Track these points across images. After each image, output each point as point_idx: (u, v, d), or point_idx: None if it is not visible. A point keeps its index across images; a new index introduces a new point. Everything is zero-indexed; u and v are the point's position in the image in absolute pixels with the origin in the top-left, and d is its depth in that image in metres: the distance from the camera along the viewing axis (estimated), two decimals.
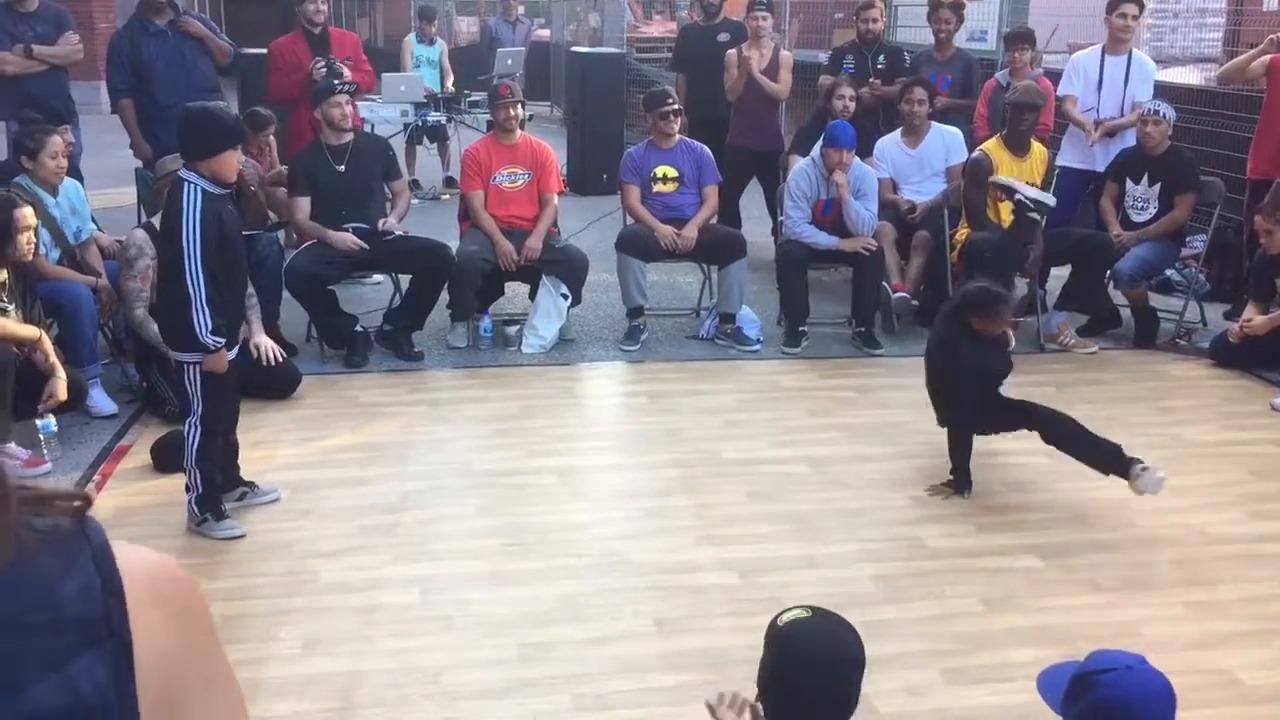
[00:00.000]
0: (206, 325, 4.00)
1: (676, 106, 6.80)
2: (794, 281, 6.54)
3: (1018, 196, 5.38)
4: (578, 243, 6.84)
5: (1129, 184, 6.78)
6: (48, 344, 4.83)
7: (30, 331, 4.78)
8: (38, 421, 4.74)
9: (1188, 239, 7.22)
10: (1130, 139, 6.90)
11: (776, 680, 2.24)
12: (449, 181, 10.39)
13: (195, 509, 4.22)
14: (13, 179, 5.56)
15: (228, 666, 0.97)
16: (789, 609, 2.31)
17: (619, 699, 3.28)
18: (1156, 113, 6.61)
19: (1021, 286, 6.71)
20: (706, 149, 6.87)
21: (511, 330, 6.49)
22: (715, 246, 6.61)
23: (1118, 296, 6.83)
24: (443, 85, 10.62)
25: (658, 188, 6.71)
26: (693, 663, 3.45)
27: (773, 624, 2.29)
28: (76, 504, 0.88)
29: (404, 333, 6.26)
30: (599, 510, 4.53)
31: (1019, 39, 7.63)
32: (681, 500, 4.61)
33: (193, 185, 3.98)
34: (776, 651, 2.25)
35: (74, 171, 6.16)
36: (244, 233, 4.54)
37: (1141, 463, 4.33)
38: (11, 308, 4.85)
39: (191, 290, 3.97)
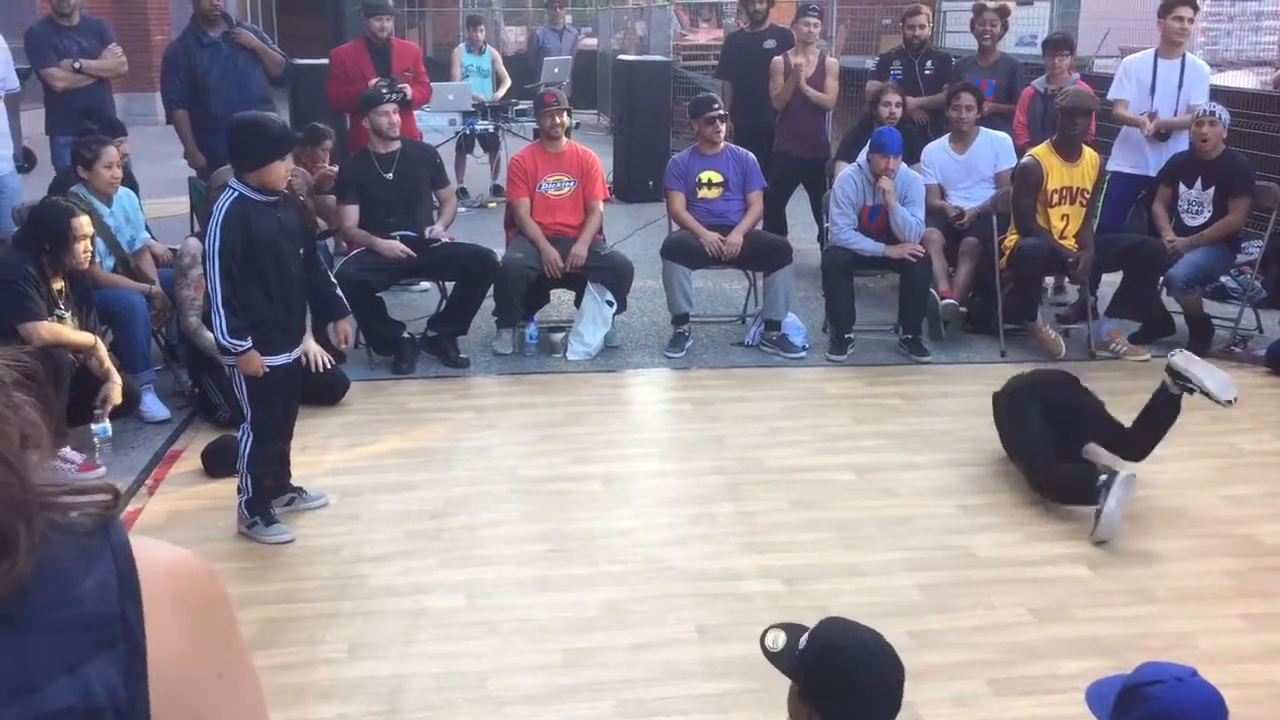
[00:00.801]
0: (224, 325, 4.02)
1: (722, 112, 6.80)
2: (840, 288, 6.50)
3: (1192, 386, 4.67)
4: (623, 249, 6.86)
5: (1182, 188, 6.68)
6: (102, 350, 4.93)
7: (85, 338, 4.87)
8: (93, 426, 4.83)
9: (1243, 245, 7.09)
10: (1184, 142, 6.80)
11: (840, 689, 2.20)
12: (496, 190, 10.46)
13: (245, 512, 4.28)
14: (69, 189, 5.67)
15: (245, 659, 0.97)
16: (769, 630, 2.30)
17: (662, 706, 3.28)
18: (1212, 114, 6.51)
19: (1072, 293, 6.64)
20: (751, 155, 6.86)
21: (557, 337, 6.52)
22: (761, 253, 6.59)
23: (1171, 304, 6.73)
24: (496, 92, 10.70)
25: (703, 194, 6.71)
26: (736, 670, 3.43)
27: (789, 645, 2.27)
28: (102, 500, 0.88)
29: (449, 339, 6.31)
30: (643, 516, 4.53)
31: (1057, 44, 7.55)
32: (725, 507, 4.60)
33: (231, 190, 4.04)
34: (833, 661, 2.21)
35: (129, 180, 6.27)
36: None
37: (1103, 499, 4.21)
38: (68, 315, 4.95)
39: (210, 291, 4.03)
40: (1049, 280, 7.28)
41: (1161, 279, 6.56)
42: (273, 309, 4.16)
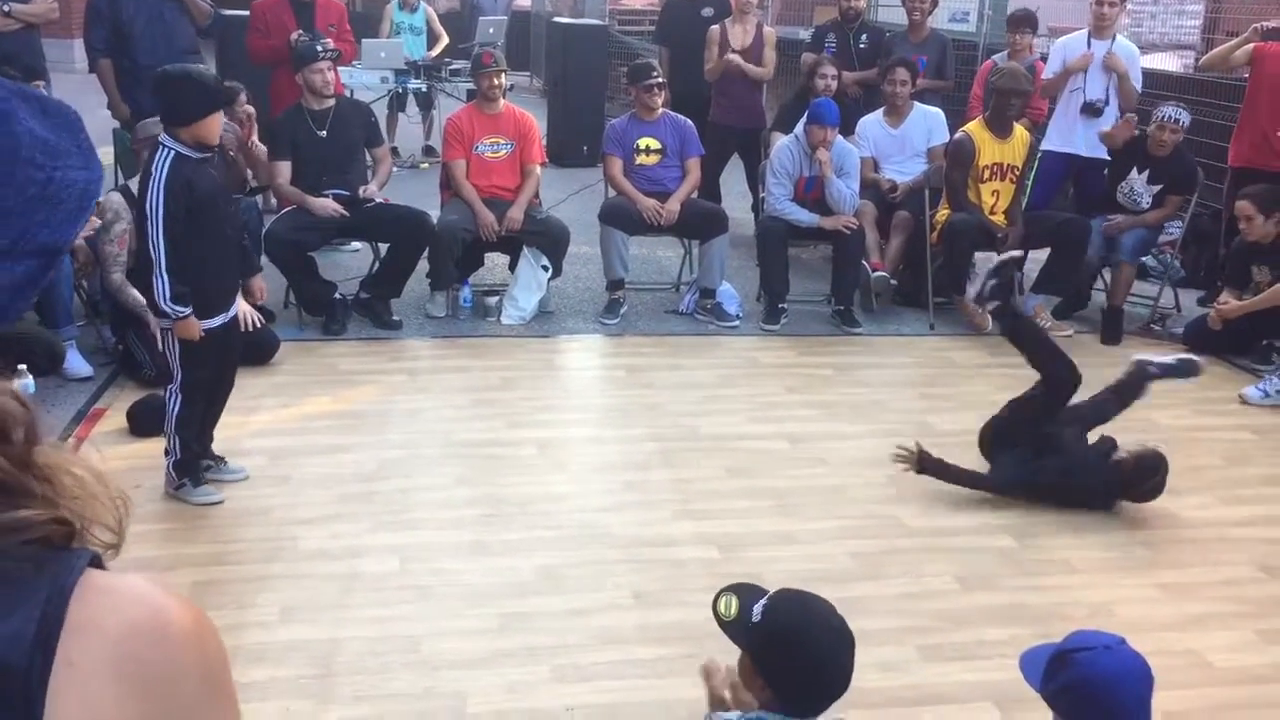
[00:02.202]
0: (166, 291, 3.93)
1: (661, 80, 6.78)
2: (774, 258, 6.55)
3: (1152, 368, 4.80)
4: (557, 214, 6.82)
5: (1134, 171, 6.77)
6: None
7: None
8: (16, 383, 4.68)
9: (1165, 225, 7.26)
10: (1111, 121, 6.90)
11: (793, 668, 2.16)
12: (429, 150, 10.32)
13: (173, 474, 4.20)
14: None
15: None
16: (722, 594, 2.24)
17: (598, 670, 3.30)
18: (1176, 121, 6.56)
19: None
20: (690, 122, 6.85)
21: (491, 301, 6.47)
22: (697, 221, 6.60)
23: (1096, 281, 6.88)
24: (431, 49, 10.52)
25: (640, 160, 6.70)
26: (672, 635, 3.46)
27: (743, 615, 2.21)
28: (49, 531, 0.73)
29: (382, 301, 6.23)
30: (578, 482, 4.54)
31: (1020, 21, 7.62)
32: (660, 474, 4.62)
33: (166, 149, 3.92)
34: (788, 642, 2.16)
35: None
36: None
37: None
38: None
39: (153, 254, 3.91)
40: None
41: (1099, 249, 6.69)
42: (211, 270, 4.06)
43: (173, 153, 3.91)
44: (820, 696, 2.18)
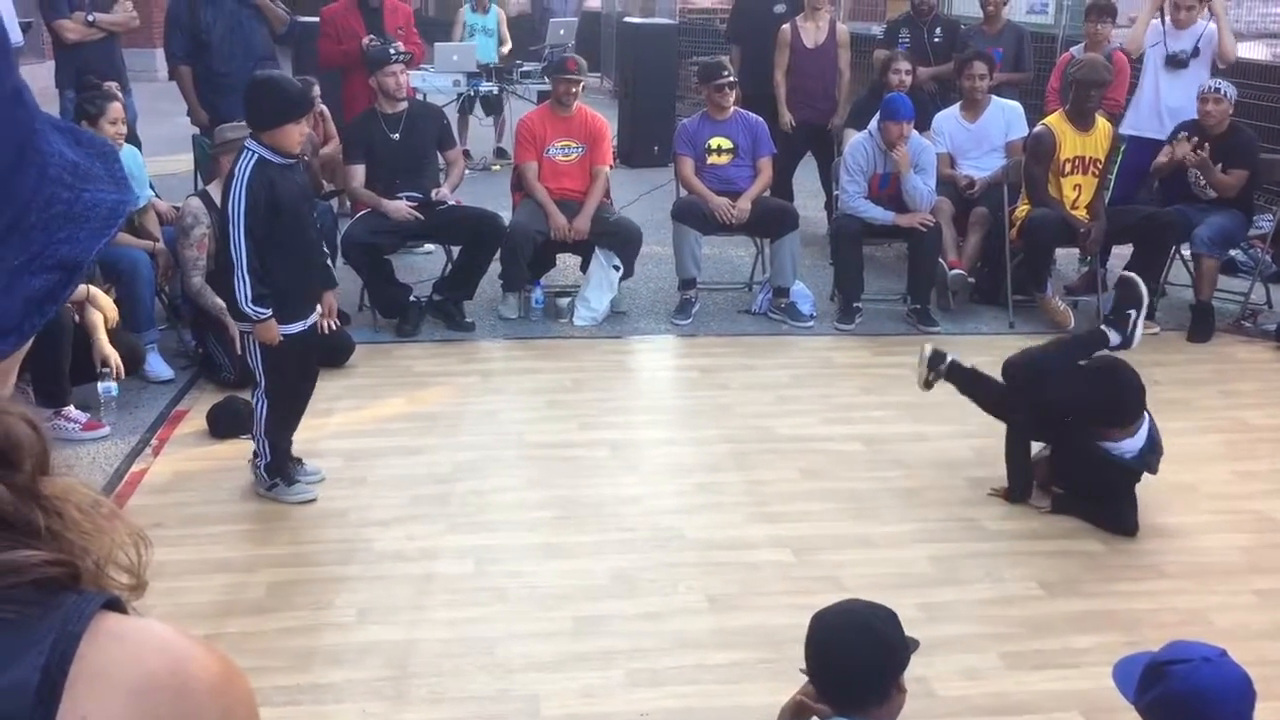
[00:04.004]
0: (247, 294, 3.96)
1: (732, 79, 6.72)
2: (848, 257, 6.45)
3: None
4: (628, 215, 6.79)
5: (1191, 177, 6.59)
6: (103, 302, 4.86)
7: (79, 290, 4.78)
8: (99, 385, 4.78)
9: (1255, 219, 7.04)
10: (1197, 75, 6.71)
11: (810, 648, 2.36)
12: (500, 153, 10.36)
13: (265, 475, 4.24)
14: None
15: None
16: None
17: (672, 675, 3.26)
18: (1217, 91, 6.43)
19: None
20: (762, 120, 6.79)
21: (563, 302, 6.47)
22: (767, 218, 6.54)
23: (1183, 276, 6.68)
24: (499, 52, 10.57)
25: (712, 160, 6.64)
26: (746, 640, 3.42)
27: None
28: (50, 573, 0.67)
29: (455, 303, 6.26)
30: (651, 484, 4.51)
31: (1099, 11, 7.43)
32: (733, 476, 4.57)
33: (250, 153, 3.97)
34: (816, 643, 2.36)
35: (132, 138, 6.19)
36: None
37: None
38: None
39: (234, 257, 3.95)
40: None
41: (1184, 245, 6.49)
42: (292, 275, 4.10)
43: (256, 156, 3.96)
44: (837, 686, 2.29)
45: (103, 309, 4.82)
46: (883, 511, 4.29)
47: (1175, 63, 6.76)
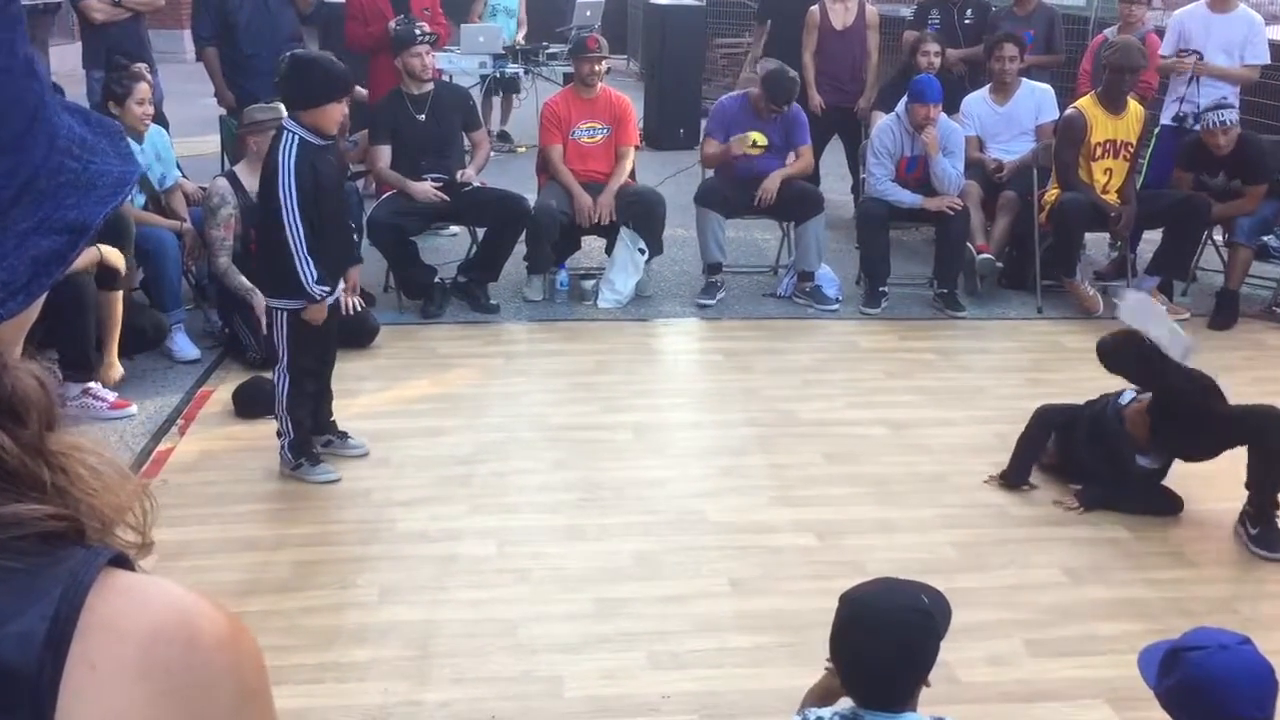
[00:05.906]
0: (311, 275, 4.01)
1: (795, 103, 6.56)
2: (875, 240, 6.41)
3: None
4: None
5: (1205, 179, 6.49)
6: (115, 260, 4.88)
7: (117, 257, 4.80)
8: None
9: None
10: (1227, 88, 6.62)
11: (837, 641, 2.23)
12: (503, 136, 10.30)
13: (289, 454, 4.27)
14: None
15: None
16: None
17: (694, 658, 3.26)
18: (1224, 122, 6.23)
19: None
20: (801, 111, 6.71)
21: (588, 284, 6.46)
22: (793, 202, 6.49)
23: (1214, 261, 6.60)
24: (517, 35, 10.54)
25: (746, 149, 6.56)
26: (769, 624, 3.41)
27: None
28: (51, 527, 0.67)
29: (480, 284, 6.26)
30: (674, 467, 4.50)
31: None
32: (757, 459, 4.56)
33: (291, 135, 3.98)
34: (837, 613, 2.25)
35: (159, 118, 6.22)
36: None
37: None
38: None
39: (292, 241, 3.97)
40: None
41: (1219, 230, 6.39)
42: (331, 254, 4.15)
43: (297, 138, 3.97)
44: (854, 679, 2.18)
45: (113, 263, 4.80)
46: (907, 496, 4.27)
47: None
